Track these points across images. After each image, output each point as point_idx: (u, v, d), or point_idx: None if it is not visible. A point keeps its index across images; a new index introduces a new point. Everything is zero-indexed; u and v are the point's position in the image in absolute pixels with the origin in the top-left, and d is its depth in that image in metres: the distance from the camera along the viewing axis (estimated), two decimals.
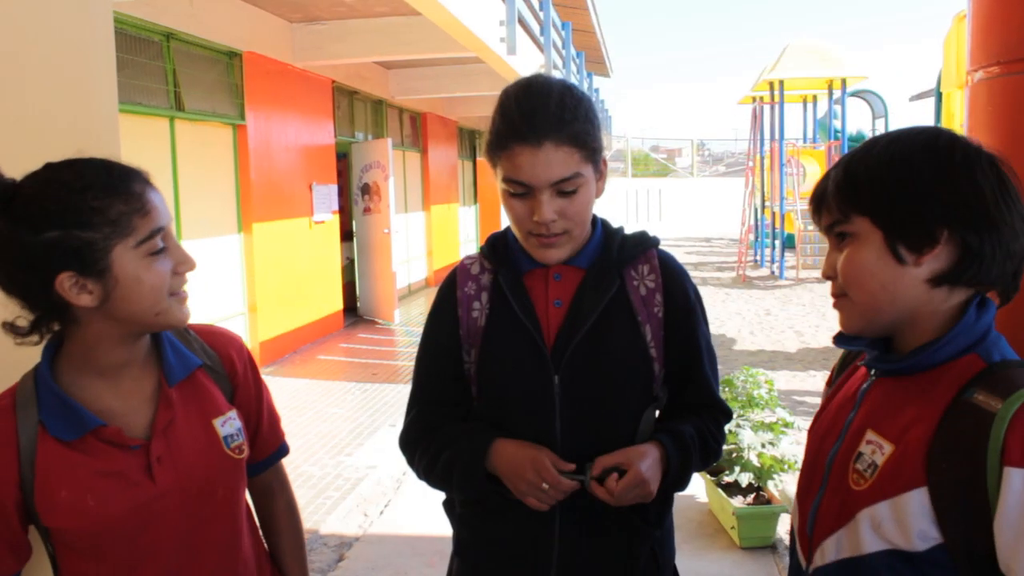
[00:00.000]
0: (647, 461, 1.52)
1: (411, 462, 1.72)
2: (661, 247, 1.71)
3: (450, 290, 1.71)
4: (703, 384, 1.69)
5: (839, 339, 1.32)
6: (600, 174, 1.58)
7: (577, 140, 1.50)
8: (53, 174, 1.29)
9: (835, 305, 1.28)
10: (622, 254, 1.65)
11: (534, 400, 1.59)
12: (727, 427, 1.79)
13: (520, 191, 1.52)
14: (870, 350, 1.29)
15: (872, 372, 1.30)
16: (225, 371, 1.55)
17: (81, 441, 1.33)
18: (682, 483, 1.64)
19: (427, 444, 1.67)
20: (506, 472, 1.55)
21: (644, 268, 1.66)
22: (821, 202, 1.26)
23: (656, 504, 1.65)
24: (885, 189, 1.17)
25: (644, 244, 1.68)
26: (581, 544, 1.61)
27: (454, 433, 1.64)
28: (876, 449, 1.19)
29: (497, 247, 1.69)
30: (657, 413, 1.68)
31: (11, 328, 1.33)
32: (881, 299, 1.20)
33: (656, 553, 1.68)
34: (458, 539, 1.76)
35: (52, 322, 1.34)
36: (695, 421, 1.66)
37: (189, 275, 1.40)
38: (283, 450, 1.69)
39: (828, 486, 1.27)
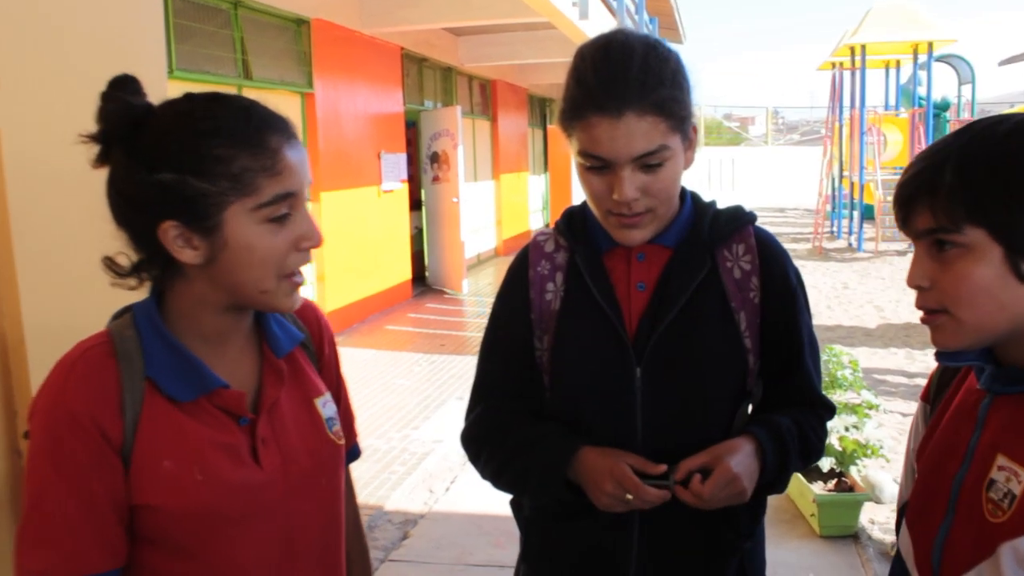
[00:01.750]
0: (738, 456, 1.35)
1: (474, 460, 1.56)
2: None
3: (521, 269, 1.54)
4: (804, 379, 1.51)
5: (942, 356, 1.18)
6: (689, 143, 1.38)
7: (663, 108, 1.30)
8: (186, 108, 1.13)
9: (927, 320, 1.11)
10: (714, 232, 1.47)
11: (613, 395, 1.43)
12: None
13: (598, 165, 1.34)
14: (983, 365, 1.13)
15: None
16: (314, 347, 1.37)
17: (194, 404, 1.15)
18: (780, 483, 1.47)
19: (496, 446, 1.51)
20: (587, 483, 1.39)
21: (739, 248, 1.47)
22: (914, 202, 1.07)
23: (747, 511, 1.49)
24: (1012, 199, 1.01)
25: (739, 220, 1.49)
26: (661, 557, 1.46)
27: (530, 436, 1.47)
28: (1011, 476, 1.05)
29: (574, 223, 1.52)
30: (750, 409, 1.51)
31: (110, 265, 1.17)
32: (997, 319, 1.05)
33: (745, 567, 1.52)
34: (526, 544, 1.61)
35: (155, 269, 1.17)
36: (793, 413, 1.48)
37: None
38: (355, 451, 1.47)
39: (957, 515, 1.13)
